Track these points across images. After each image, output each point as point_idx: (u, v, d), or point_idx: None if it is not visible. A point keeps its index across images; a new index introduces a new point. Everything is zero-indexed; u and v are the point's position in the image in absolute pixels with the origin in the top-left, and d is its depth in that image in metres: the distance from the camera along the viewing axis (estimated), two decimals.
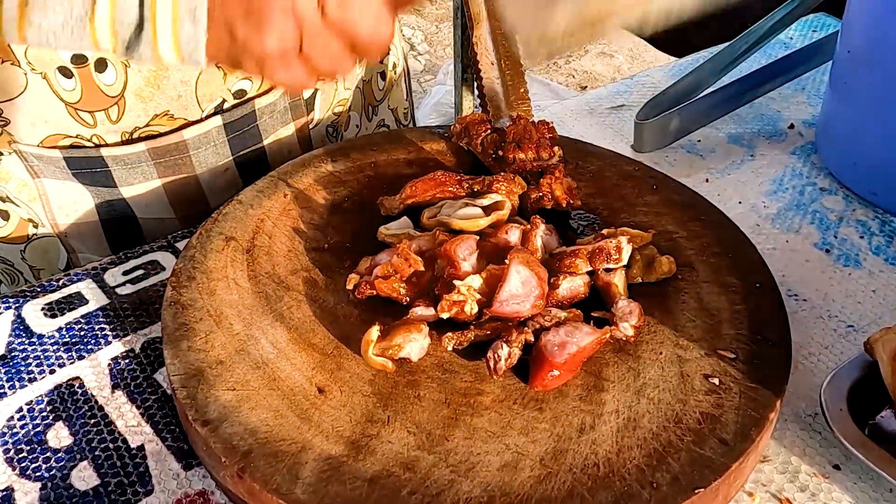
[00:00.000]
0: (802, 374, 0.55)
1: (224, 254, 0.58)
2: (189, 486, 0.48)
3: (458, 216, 0.57)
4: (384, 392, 0.48)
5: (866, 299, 0.62)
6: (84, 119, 0.62)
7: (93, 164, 0.65)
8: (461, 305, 0.50)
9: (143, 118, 0.64)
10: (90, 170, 0.65)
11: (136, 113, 0.63)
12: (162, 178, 0.67)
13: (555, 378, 0.48)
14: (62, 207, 0.68)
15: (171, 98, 0.63)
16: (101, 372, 0.54)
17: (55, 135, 0.63)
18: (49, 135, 0.63)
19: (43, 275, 0.73)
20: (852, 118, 0.72)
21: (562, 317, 0.50)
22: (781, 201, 0.72)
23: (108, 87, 0.61)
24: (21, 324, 0.58)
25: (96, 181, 0.66)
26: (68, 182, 0.67)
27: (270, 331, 0.52)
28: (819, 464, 0.50)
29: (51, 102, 0.61)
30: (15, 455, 0.49)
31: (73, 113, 0.62)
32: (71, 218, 0.69)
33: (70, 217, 0.69)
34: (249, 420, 0.46)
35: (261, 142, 0.71)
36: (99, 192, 0.67)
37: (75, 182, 0.67)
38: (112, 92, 0.61)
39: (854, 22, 0.70)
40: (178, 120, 0.65)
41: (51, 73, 0.60)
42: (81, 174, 0.66)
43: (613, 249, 0.53)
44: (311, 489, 0.43)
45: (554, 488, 0.43)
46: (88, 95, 0.61)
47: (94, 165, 0.65)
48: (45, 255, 0.71)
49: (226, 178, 0.70)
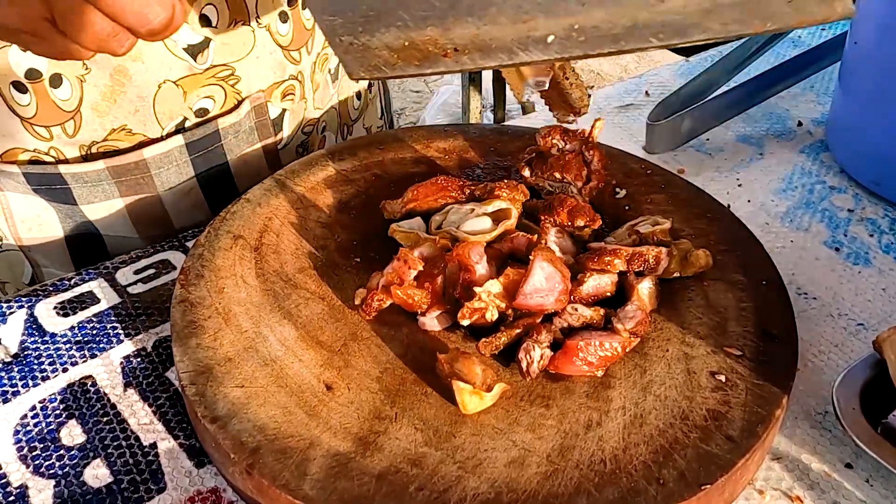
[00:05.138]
0: (812, 372, 0.55)
1: (232, 252, 0.58)
2: (201, 484, 0.48)
3: (467, 229, 0.57)
4: (392, 389, 0.49)
5: (876, 297, 0.62)
6: (40, 133, 0.62)
7: (52, 180, 0.64)
8: (482, 312, 0.50)
9: (100, 132, 0.63)
10: (49, 186, 0.65)
11: (92, 127, 0.62)
12: (123, 196, 0.66)
13: (577, 368, 0.49)
14: (25, 222, 0.68)
15: (128, 112, 0.63)
16: (114, 370, 0.55)
17: (14, 149, 0.63)
18: (8, 149, 0.63)
19: (8, 288, 0.72)
20: (861, 111, 0.72)
21: (587, 315, 0.51)
22: (791, 200, 0.72)
23: (63, 102, 0.61)
24: (34, 323, 0.58)
25: (57, 198, 0.66)
26: (31, 197, 0.66)
27: (278, 328, 0.53)
28: (830, 462, 0.50)
29: (6, 117, 0.61)
30: (29, 453, 0.50)
31: (29, 127, 0.62)
32: (34, 233, 0.68)
33: (33, 231, 0.68)
34: (258, 417, 0.47)
35: (225, 161, 0.69)
36: (61, 208, 0.67)
37: (38, 197, 0.66)
38: (68, 107, 0.61)
39: (862, 11, 0.70)
40: (137, 135, 0.64)
41: (5, 87, 0.59)
42: (41, 190, 0.65)
43: (652, 259, 0.53)
44: (320, 485, 0.43)
45: (561, 484, 0.43)
46: (44, 111, 0.61)
47: (54, 182, 0.64)
48: (10, 268, 0.71)
49: (189, 199, 0.69)
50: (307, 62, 0.71)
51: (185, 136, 0.65)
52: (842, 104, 0.75)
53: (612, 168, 0.66)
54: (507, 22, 0.38)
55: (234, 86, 0.66)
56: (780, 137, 0.81)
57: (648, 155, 0.78)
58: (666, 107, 0.78)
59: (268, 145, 0.71)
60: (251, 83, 0.67)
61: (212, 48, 0.63)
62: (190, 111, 0.65)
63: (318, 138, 0.77)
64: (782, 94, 0.85)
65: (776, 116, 0.84)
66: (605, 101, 0.87)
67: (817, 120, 0.83)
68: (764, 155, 0.78)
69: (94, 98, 0.61)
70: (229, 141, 0.68)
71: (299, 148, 0.75)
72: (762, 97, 0.82)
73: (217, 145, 0.68)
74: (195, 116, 0.66)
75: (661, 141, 0.78)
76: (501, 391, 0.48)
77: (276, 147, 0.72)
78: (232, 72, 0.65)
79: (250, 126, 0.69)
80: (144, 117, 0.63)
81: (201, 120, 0.66)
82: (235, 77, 0.66)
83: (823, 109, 0.85)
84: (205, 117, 0.66)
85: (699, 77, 0.81)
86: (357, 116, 0.82)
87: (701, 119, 0.78)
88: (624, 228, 0.59)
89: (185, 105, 0.64)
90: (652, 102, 0.85)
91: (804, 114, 0.84)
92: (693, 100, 0.79)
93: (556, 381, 0.49)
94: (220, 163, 0.69)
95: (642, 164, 0.68)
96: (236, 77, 0.66)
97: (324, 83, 0.75)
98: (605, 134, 0.80)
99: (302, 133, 0.74)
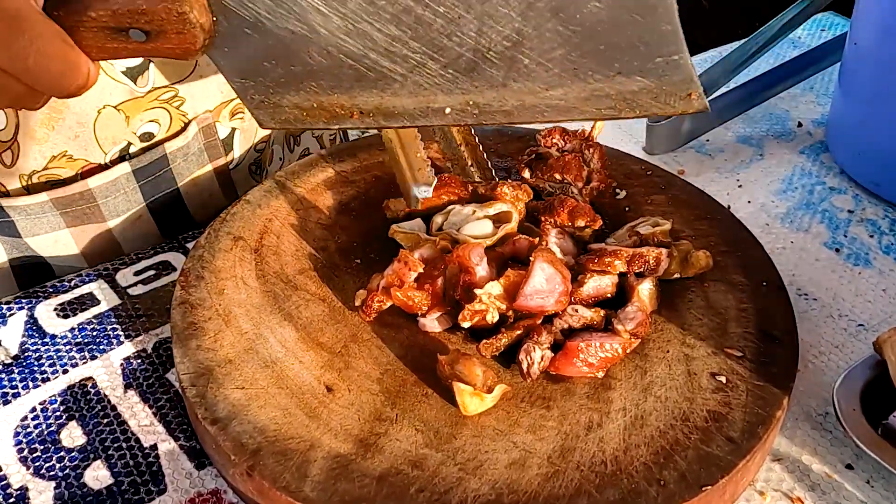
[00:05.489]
0: (813, 373, 0.55)
1: (232, 253, 0.58)
2: (202, 486, 0.48)
3: (468, 232, 0.57)
4: (392, 390, 0.49)
5: (876, 298, 0.62)
6: None
7: None
8: (483, 314, 0.50)
9: (40, 161, 0.61)
10: None
11: (32, 156, 0.60)
12: (70, 227, 0.64)
13: (577, 369, 0.48)
14: None
15: (67, 139, 0.60)
16: (114, 372, 0.55)
17: None
18: None
19: None
20: (861, 111, 0.72)
21: (588, 317, 0.51)
22: (791, 200, 0.72)
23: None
24: (34, 324, 0.58)
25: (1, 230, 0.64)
26: None
27: (279, 330, 0.53)
28: (830, 463, 0.50)
29: None
30: (29, 454, 0.50)
31: None
32: None
33: None
34: (258, 418, 0.47)
35: (175, 187, 0.67)
36: (5, 239, 0.65)
37: None
38: (4, 136, 0.59)
39: (862, 11, 0.70)
40: (79, 161, 0.62)
41: None
42: None
43: (653, 260, 0.53)
44: (320, 487, 0.43)
45: (561, 486, 0.43)
46: None
47: None
48: None
49: (139, 226, 0.67)
50: None
51: (132, 163, 0.63)
52: (842, 105, 0.75)
53: (612, 169, 0.66)
54: (407, 95, 0.43)
55: (178, 108, 0.64)
56: (780, 138, 0.81)
57: (648, 156, 0.78)
58: None
59: (219, 167, 0.69)
60: (197, 104, 0.65)
61: (152, 70, 0.61)
62: (134, 136, 0.63)
63: (269, 154, 0.75)
64: (782, 95, 0.85)
65: (776, 117, 0.84)
66: None
67: (817, 121, 0.83)
68: (764, 156, 0.78)
69: (30, 126, 0.59)
70: (178, 165, 0.66)
71: (252, 166, 0.73)
72: (762, 98, 0.82)
73: (165, 170, 0.65)
74: (140, 141, 0.63)
75: (661, 142, 0.78)
76: (502, 392, 0.48)
77: (228, 168, 0.70)
78: (175, 93, 0.63)
79: (199, 148, 0.67)
80: (85, 143, 0.61)
81: (147, 144, 0.64)
82: (179, 98, 0.64)
83: (823, 110, 0.85)
84: (150, 142, 0.64)
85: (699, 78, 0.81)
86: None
87: (702, 120, 0.78)
88: (624, 230, 0.59)
89: (128, 130, 0.62)
90: None
91: (804, 115, 0.84)
92: None
93: (557, 383, 0.49)
94: (169, 188, 0.67)
95: (642, 165, 0.68)
96: (180, 98, 0.64)
97: None
98: (605, 135, 0.80)
99: (255, 151, 0.72)
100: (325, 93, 0.45)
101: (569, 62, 0.39)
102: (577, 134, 0.64)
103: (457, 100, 0.43)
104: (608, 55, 0.39)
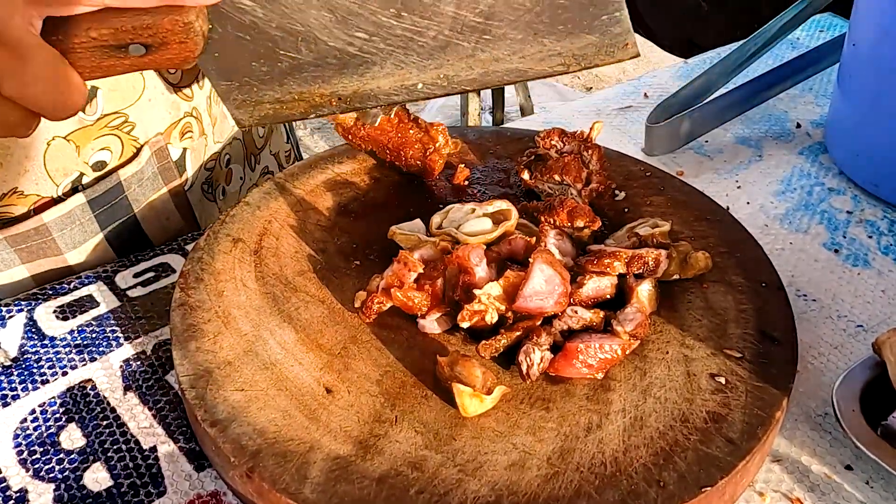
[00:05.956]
0: (812, 373, 0.55)
1: (232, 255, 0.58)
2: (201, 488, 0.48)
3: (467, 230, 0.57)
4: (392, 392, 0.49)
5: (876, 299, 0.62)
6: None
7: None
8: (482, 315, 0.50)
9: None
10: None
11: None
12: (25, 263, 0.63)
13: (576, 371, 0.49)
14: None
15: (17, 174, 0.59)
16: (113, 374, 0.55)
17: None
18: None
19: None
20: (860, 112, 0.72)
21: (587, 318, 0.51)
22: (790, 201, 0.72)
23: None
24: (33, 326, 0.58)
25: None
26: None
27: (278, 331, 0.53)
28: (830, 464, 0.50)
29: None
30: (28, 456, 0.50)
31: None
32: None
33: None
34: (258, 420, 0.47)
35: (132, 213, 0.66)
36: None
37: None
38: None
39: (861, 12, 0.70)
40: (31, 196, 0.61)
41: None
42: None
43: (652, 262, 0.53)
44: (320, 489, 0.43)
45: (561, 487, 0.43)
46: None
47: None
48: None
49: (97, 256, 0.65)
50: (201, 97, 0.69)
51: (86, 193, 0.62)
52: (840, 106, 0.75)
53: (611, 170, 0.67)
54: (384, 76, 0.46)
55: (129, 133, 0.64)
56: (779, 139, 0.81)
57: (647, 157, 0.78)
58: (665, 109, 0.78)
59: (174, 188, 0.68)
60: (147, 127, 0.65)
61: (100, 97, 0.61)
62: (86, 165, 0.62)
63: (224, 172, 0.75)
64: (781, 96, 0.85)
65: (775, 118, 0.84)
66: (604, 103, 0.87)
67: (816, 122, 0.83)
68: (763, 157, 0.78)
69: None
70: (133, 191, 0.65)
71: (205, 185, 0.72)
72: (761, 99, 0.82)
73: (121, 197, 0.64)
74: (93, 171, 0.62)
75: (660, 143, 0.78)
76: (501, 394, 0.48)
77: (184, 189, 0.69)
78: (125, 119, 0.63)
79: (153, 172, 0.66)
80: (36, 176, 0.60)
81: (101, 174, 0.63)
82: (130, 123, 0.63)
83: (822, 111, 0.85)
84: (104, 170, 0.63)
85: (698, 79, 0.81)
86: (263, 144, 0.80)
87: (700, 121, 0.79)
88: (623, 231, 0.59)
89: (79, 160, 0.61)
90: (651, 104, 0.85)
91: (803, 115, 0.84)
92: (692, 102, 0.79)
93: (556, 384, 0.49)
94: (126, 215, 0.66)
95: (641, 167, 0.68)
96: (131, 123, 0.63)
97: (221, 116, 0.72)
98: (604, 136, 0.80)
99: (205, 170, 0.72)
100: (307, 84, 0.47)
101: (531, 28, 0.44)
102: (576, 135, 0.64)
103: (429, 75, 0.46)
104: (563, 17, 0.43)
